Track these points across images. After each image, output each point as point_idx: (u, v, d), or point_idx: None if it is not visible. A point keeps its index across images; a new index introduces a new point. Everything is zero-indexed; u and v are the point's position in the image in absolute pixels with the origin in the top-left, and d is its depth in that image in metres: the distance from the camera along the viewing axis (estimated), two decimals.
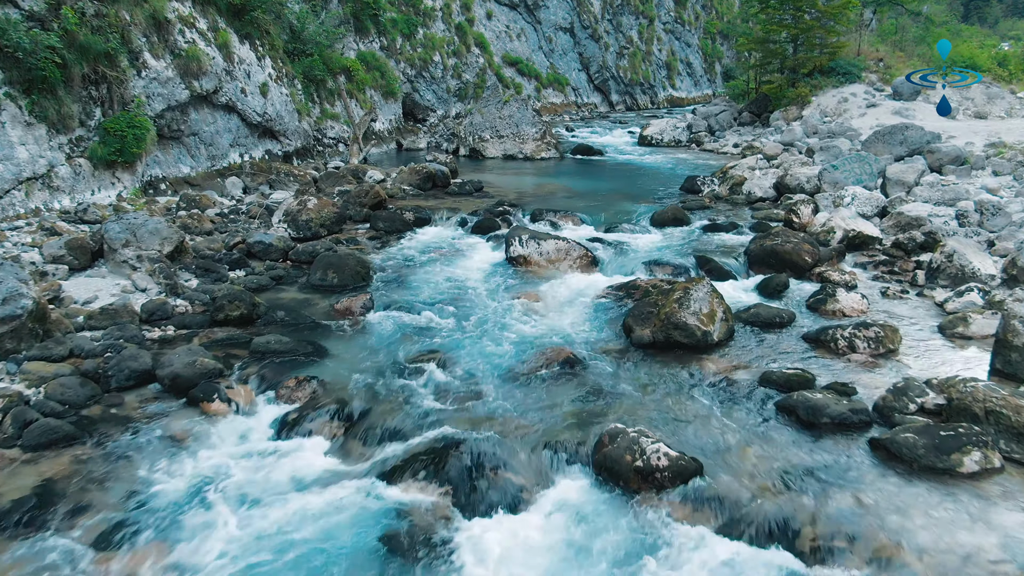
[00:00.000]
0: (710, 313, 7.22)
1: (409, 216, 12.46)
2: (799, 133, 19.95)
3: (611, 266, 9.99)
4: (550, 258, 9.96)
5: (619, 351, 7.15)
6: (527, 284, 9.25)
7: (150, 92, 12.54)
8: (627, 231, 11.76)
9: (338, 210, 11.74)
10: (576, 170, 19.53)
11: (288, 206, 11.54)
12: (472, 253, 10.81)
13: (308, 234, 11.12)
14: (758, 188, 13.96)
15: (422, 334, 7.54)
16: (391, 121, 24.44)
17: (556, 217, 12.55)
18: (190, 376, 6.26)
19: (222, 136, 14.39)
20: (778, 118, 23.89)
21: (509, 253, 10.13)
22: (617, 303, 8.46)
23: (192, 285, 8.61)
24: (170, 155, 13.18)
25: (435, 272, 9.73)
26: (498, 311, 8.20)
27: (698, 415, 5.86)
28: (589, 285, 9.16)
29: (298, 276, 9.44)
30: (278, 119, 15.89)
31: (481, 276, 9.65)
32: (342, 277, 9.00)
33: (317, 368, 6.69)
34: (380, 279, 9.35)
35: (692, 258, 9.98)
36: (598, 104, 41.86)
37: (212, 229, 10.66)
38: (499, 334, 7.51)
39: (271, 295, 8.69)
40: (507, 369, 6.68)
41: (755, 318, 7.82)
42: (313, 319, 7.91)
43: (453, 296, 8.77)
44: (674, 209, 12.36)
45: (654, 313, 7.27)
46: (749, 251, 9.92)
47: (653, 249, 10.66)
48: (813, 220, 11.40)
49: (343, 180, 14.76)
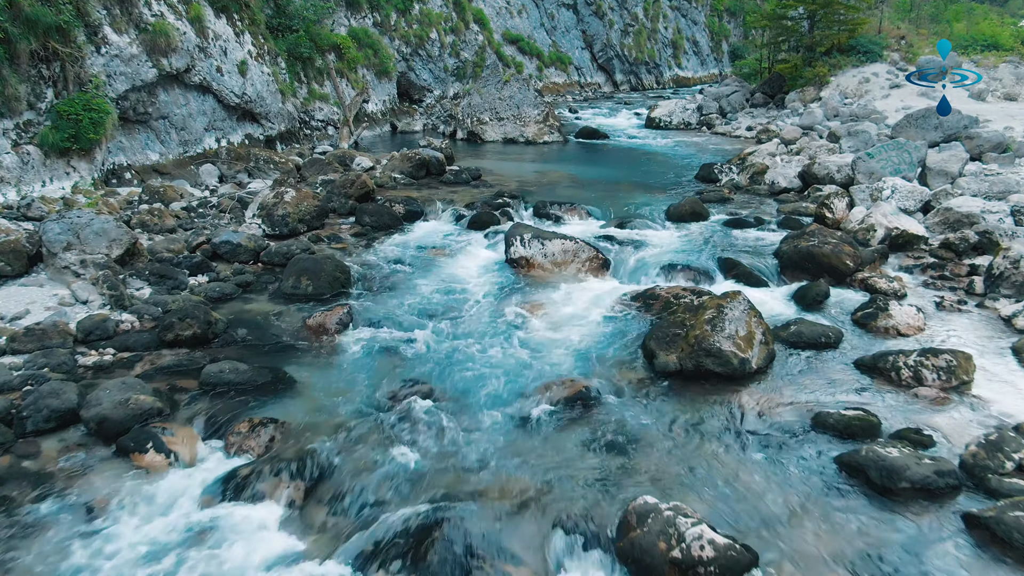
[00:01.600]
0: (748, 336, 6.08)
1: (399, 209, 11.29)
2: (819, 116, 18.68)
3: (625, 270, 8.84)
4: (555, 260, 8.81)
5: (640, 382, 6.02)
6: (529, 292, 8.11)
7: (111, 71, 11.30)
8: (640, 227, 10.59)
9: (319, 203, 10.56)
10: (581, 156, 18.30)
11: (263, 199, 10.36)
12: (468, 253, 9.66)
13: (285, 231, 9.95)
14: (782, 178, 12.76)
15: (407, 358, 6.41)
16: (385, 102, 23.14)
17: (561, 210, 11.37)
18: (121, 419, 5.14)
19: (195, 119, 13.16)
20: (794, 100, 22.60)
21: (509, 254, 8.98)
22: (634, 317, 7.33)
23: (144, 295, 7.47)
24: (136, 140, 11.98)
25: (425, 277, 8.58)
26: (496, 327, 7.07)
27: (742, 475, 4.75)
28: (601, 294, 8.02)
29: (269, 282, 8.30)
30: (259, 100, 14.65)
31: (477, 282, 8.50)
32: (318, 285, 7.85)
33: (278, 406, 5.56)
34: (362, 286, 8.20)
35: (716, 261, 8.82)
36: (602, 84, 40.42)
37: (175, 226, 9.49)
38: (497, 358, 6.38)
39: (235, 306, 7.55)
40: (507, 407, 5.55)
41: (797, 338, 6.69)
42: (280, 338, 6.77)
43: (445, 307, 7.63)
44: (692, 202, 11.17)
45: (681, 336, 6.14)
46: (781, 253, 8.76)
47: (671, 249, 9.50)
48: (848, 215, 10.24)
49: (328, 168, 13.56)
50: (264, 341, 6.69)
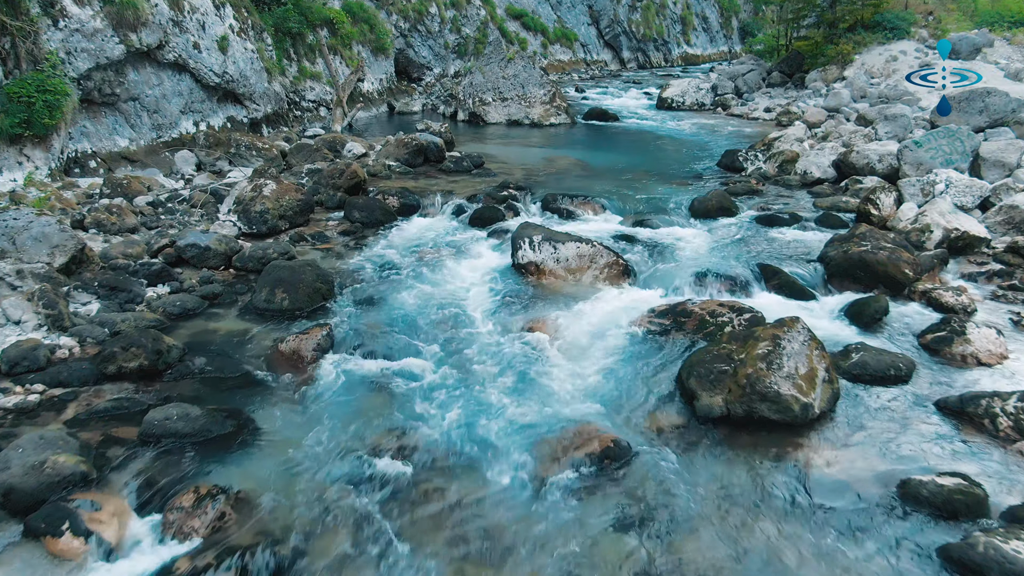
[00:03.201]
0: (809, 374, 5.00)
1: (393, 203, 10.17)
2: (845, 97, 17.43)
3: (649, 277, 7.74)
4: (570, 267, 7.72)
5: (678, 431, 4.95)
6: (540, 305, 7.02)
7: (71, 47, 10.12)
8: (662, 224, 9.47)
9: (303, 197, 9.44)
10: (590, 139, 17.10)
11: (240, 192, 9.24)
12: (469, 255, 8.56)
13: (263, 229, 8.85)
14: (815, 167, 11.59)
15: (395, 396, 5.34)
16: (381, 81, 21.87)
17: (573, 204, 10.25)
18: (33, 489, 4.09)
19: (170, 101, 11.99)
20: (816, 79, 21.30)
21: (517, 259, 7.89)
22: (664, 339, 6.24)
23: (90, 312, 6.39)
24: (102, 125, 10.83)
25: (420, 286, 7.48)
26: (501, 353, 5.99)
27: (816, 572, 3.70)
28: (623, 308, 6.93)
29: (241, 292, 7.21)
30: (242, 80, 13.45)
31: (480, 292, 7.41)
32: (295, 298, 6.76)
33: (234, 467, 4.50)
34: (347, 298, 7.11)
35: (753, 267, 7.72)
36: (608, 62, 38.97)
37: (137, 225, 8.37)
38: (502, 396, 5.31)
39: (198, 325, 6.47)
40: (515, 470, 4.49)
41: (861, 370, 5.61)
42: (246, 369, 5.69)
43: (440, 325, 6.54)
44: (718, 196, 10.03)
45: (728, 373, 5.05)
46: (827, 259, 7.66)
47: (699, 252, 8.40)
48: (896, 213, 9.11)
49: (317, 154, 12.41)
50: (226, 373, 5.62)
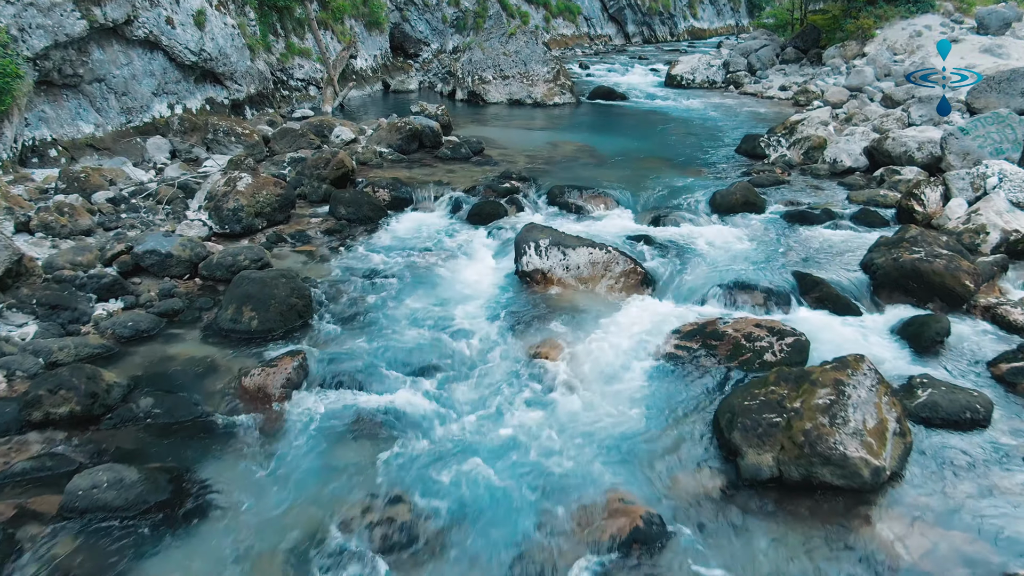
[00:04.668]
0: (879, 428, 4.12)
1: (383, 196, 9.22)
2: (869, 76, 16.37)
3: (670, 287, 6.84)
4: (581, 275, 6.81)
5: (720, 496, 4.07)
6: (548, 322, 6.12)
7: (25, 23, 9.10)
8: (681, 221, 8.54)
9: (283, 191, 8.49)
10: (597, 121, 16.07)
11: (212, 187, 8.30)
12: (467, 258, 7.65)
13: (237, 228, 7.92)
14: (845, 155, 10.61)
15: (375, 449, 4.45)
16: (376, 57, 20.75)
17: (582, 198, 9.30)
18: None
19: (141, 82, 10.99)
20: (834, 56, 20.17)
21: (521, 265, 6.98)
22: (694, 368, 5.36)
23: (26, 335, 5.49)
24: (63, 109, 9.85)
25: (410, 298, 6.58)
26: (502, 390, 5.10)
27: None
28: (644, 328, 6.02)
29: (206, 307, 6.30)
30: (222, 58, 12.41)
31: (479, 305, 6.51)
32: (265, 317, 5.85)
33: (176, 555, 3.63)
34: (326, 316, 6.20)
35: (788, 276, 6.81)
36: (612, 36, 37.63)
37: (92, 226, 7.44)
38: (506, 451, 4.43)
39: (152, 351, 5.58)
40: (525, 560, 3.62)
41: (931, 412, 4.73)
42: (201, 411, 4.81)
43: (433, 351, 5.64)
44: (743, 189, 9.07)
45: (779, 426, 4.17)
46: (873, 266, 6.74)
47: (725, 256, 7.48)
48: (942, 210, 8.19)
49: (302, 140, 11.43)
50: (177, 416, 4.73)
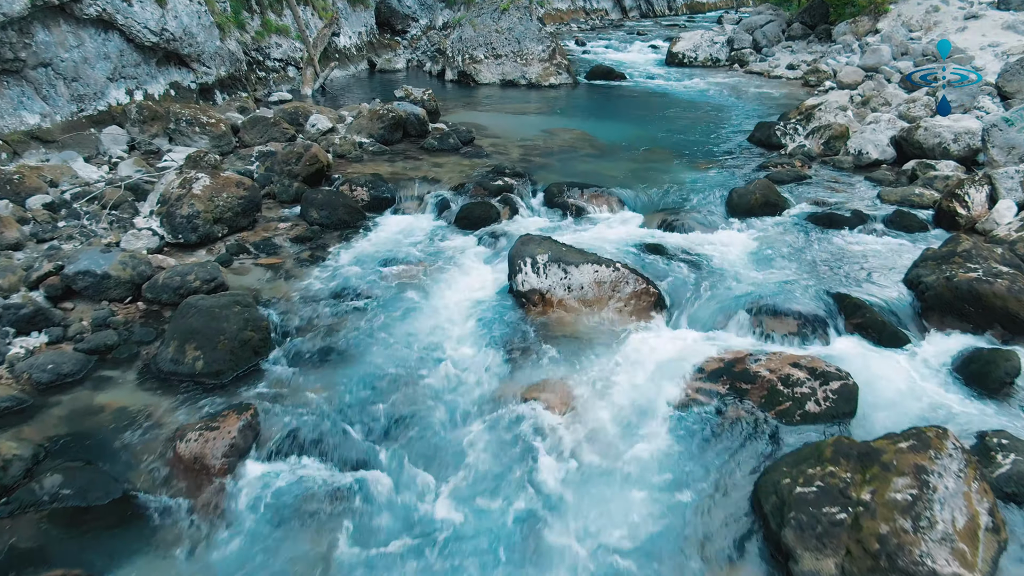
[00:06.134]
0: (970, 527, 3.26)
1: (361, 196, 8.26)
2: (886, 55, 15.35)
3: (687, 310, 5.93)
4: (585, 297, 5.91)
5: None
6: (546, 357, 5.23)
7: None
8: (695, 225, 7.61)
9: (247, 193, 7.51)
10: (597, 105, 15.05)
11: (166, 189, 7.32)
12: (455, 272, 6.73)
13: (192, 238, 6.97)
14: (871, 146, 9.66)
15: (334, 540, 3.57)
16: (360, 35, 19.57)
17: (583, 197, 8.36)
18: None
19: (94, 66, 9.92)
20: (845, 32, 19.12)
21: (516, 284, 6.06)
22: (722, 421, 4.49)
23: None
24: (3, 99, 8.80)
25: (386, 330, 5.65)
26: (495, 455, 4.22)
27: None
28: (660, 363, 5.13)
29: (147, 340, 5.37)
30: (187, 38, 11.32)
31: (466, 335, 5.60)
32: (212, 357, 4.93)
33: None
34: (287, 352, 5.28)
35: (824, 296, 5.91)
36: (609, 11, 36.33)
37: (21, 239, 6.45)
38: (495, 546, 3.56)
39: (75, 400, 4.66)
40: None
41: (1016, 487, 3.87)
42: (123, 488, 3.90)
43: (410, 400, 4.74)
44: (763, 187, 8.14)
45: (843, 524, 3.30)
46: (922, 284, 5.85)
47: (747, 268, 6.58)
48: (987, 212, 7.30)
49: (275, 129, 10.42)
50: (92, 498, 3.79)
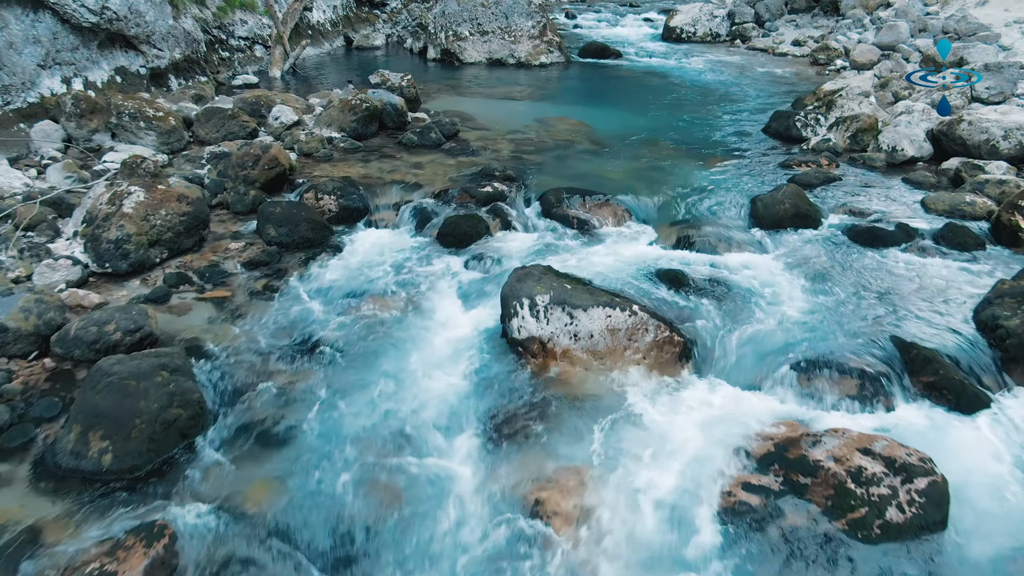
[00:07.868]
0: None
1: (329, 206, 7.12)
2: (904, 31, 14.23)
3: (719, 362, 4.90)
4: (595, 347, 4.85)
5: None
6: (548, 435, 4.18)
7: None
8: (716, 242, 6.54)
9: (190, 208, 6.35)
10: (592, 87, 13.85)
11: (92, 206, 6.16)
12: (437, 306, 5.64)
13: (123, 266, 5.82)
14: (907, 141, 8.60)
15: None
16: (336, 9, 18.14)
17: (585, 207, 7.26)
18: None
19: (21, 52, 8.62)
20: (854, 5, 17.93)
21: (511, 330, 4.99)
22: (782, 536, 3.48)
23: None
24: None
25: (353, 389, 4.57)
26: None
27: None
28: (694, 444, 4.11)
29: (48, 417, 4.26)
30: (132, 17, 9.99)
31: (449, 395, 4.53)
32: (125, 448, 3.84)
33: None
34: (224, 432, 4.18)
35: (881, 342, 4.89)
36: None
37: None
38: None
39: None
40: None
41: None
42: None
43: (374, 504, 3.69)
44: (792, 195, 7.05)
45: None
46: (1000, 329, 4.85)
47: (784, 302, 5.53)
48: None
49: (233, 121, 9.18)
50: None
